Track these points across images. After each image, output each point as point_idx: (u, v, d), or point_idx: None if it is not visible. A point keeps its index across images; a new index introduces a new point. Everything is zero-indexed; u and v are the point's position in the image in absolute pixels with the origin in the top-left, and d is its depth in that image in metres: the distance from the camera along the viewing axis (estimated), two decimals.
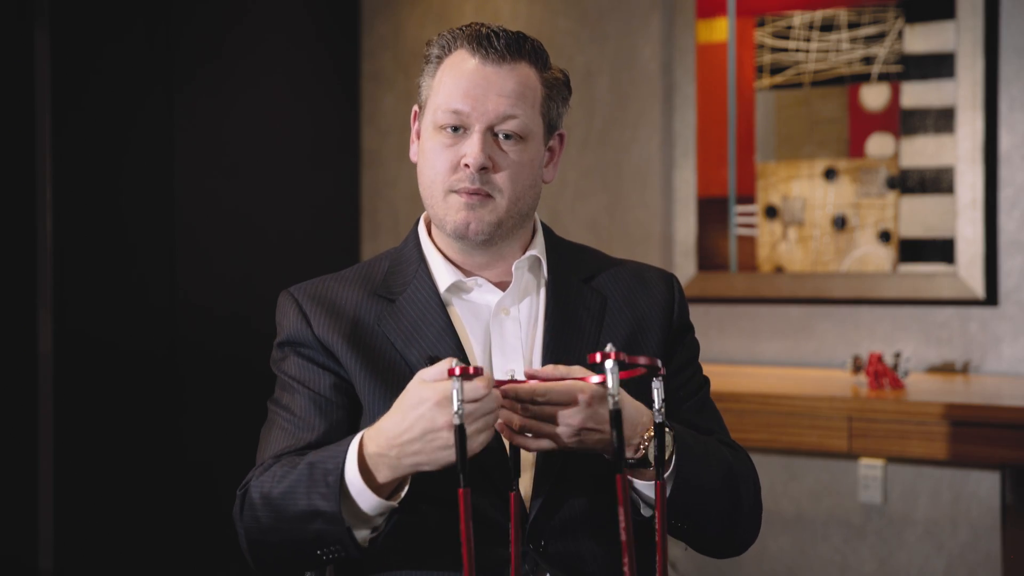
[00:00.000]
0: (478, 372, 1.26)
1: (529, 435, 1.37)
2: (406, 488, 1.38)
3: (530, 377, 1.35)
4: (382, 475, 1.34)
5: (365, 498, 1.36)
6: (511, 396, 1.34)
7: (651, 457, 1.38)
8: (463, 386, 1.25)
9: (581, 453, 1.43)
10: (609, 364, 1.24)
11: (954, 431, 2.55)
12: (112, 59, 3.10)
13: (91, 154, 3.03)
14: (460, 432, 1.24)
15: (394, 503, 1.37)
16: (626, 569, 1.23)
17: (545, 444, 1.36)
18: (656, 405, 1.32)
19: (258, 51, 3.57)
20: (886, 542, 2.94)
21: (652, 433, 1.38)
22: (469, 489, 1.24)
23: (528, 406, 1.34)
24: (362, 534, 1.39)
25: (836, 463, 2.98)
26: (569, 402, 1.34)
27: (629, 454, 1.40)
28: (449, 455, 1.29)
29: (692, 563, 3.04)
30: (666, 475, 1.41)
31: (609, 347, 1.25)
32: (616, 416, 1.24)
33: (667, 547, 1.29)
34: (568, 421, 1.34)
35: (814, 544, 3.02)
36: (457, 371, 1.25)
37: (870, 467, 2.93)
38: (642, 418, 1.40)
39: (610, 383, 1.24)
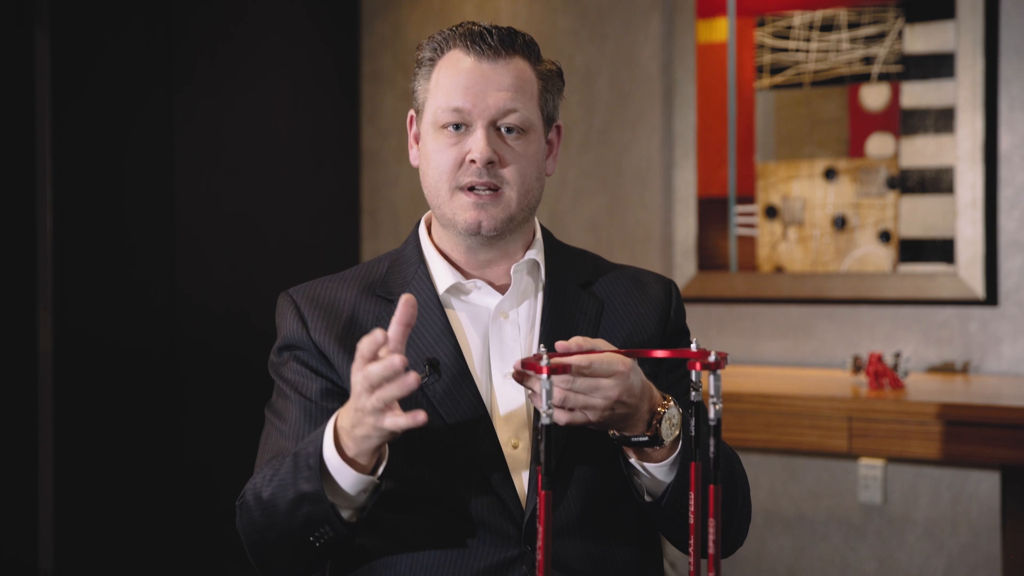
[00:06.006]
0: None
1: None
2: (384, 463, 1.38)
3: (563, 351, 1.34)
4: (349, 449, 1.35)
5: (344, 475, 1.36)
6: (561, 367, 1.33)
7: (664, 436, 1.39)
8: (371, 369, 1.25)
9: (578, 442, 1.45)
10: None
11: (954, 431, 2.55)
12: (112, 59, 3.10)
13: (91, 154, 3.03)
14: (547, 431, 1.23)
15: (374, 478, 1.37)
16: (691, 549, 1.27)
17: (579, 417, 1.36)
18: (694, 384, 1.32)
19: (258, 51, 3.56)
20: (886, 542, 2.94)
21: (663, 411, 1.39)
22: (550, 493, 1.23)
23: (572, 379, 1.33)
24: (347, 514, 1.39)
25: (836, 463, 2.98)
26: (610, 374, 1.34)
27: (641, 431, 1.40)
28: (376, 425, 1.28)
29: None
30: (672, 458, 1.42)
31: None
32: (703, 411, 1.28)
33: (701, 541, 1.29)
34: (608, 393, 1.34)
35: (814, 544, 3.02)
36: (545, 358, 1.24)
37: (870, 467, 2.93)
38: (654, 393, 1.41)
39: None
